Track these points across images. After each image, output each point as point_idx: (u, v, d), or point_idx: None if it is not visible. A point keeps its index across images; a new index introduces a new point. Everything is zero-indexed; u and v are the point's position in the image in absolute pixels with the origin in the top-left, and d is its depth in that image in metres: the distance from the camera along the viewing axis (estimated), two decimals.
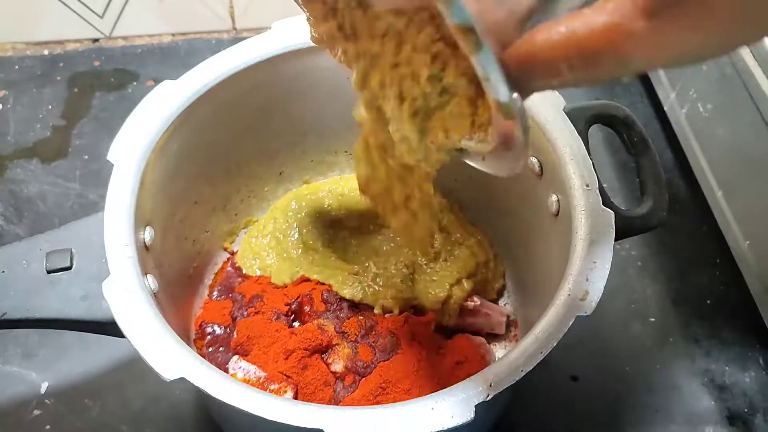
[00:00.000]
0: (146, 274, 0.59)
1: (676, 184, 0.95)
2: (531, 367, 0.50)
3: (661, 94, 0.93)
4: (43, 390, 0.75)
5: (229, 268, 0.79)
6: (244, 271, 0.76)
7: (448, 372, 0.69)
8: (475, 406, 0.48)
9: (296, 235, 0.77)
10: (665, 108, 0.93)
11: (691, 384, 0.78)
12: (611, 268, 0.55)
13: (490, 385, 0.49)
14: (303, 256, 0.75)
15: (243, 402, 0.48)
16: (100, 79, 1.00)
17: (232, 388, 0.49)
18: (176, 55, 1.04)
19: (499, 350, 0.74)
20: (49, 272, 0.57)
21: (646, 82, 1.02)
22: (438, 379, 0.67)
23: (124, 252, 0.55)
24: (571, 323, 0.51)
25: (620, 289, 0.85)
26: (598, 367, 0.79)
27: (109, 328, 0.55)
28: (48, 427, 0.73)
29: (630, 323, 0.82)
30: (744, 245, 0.77)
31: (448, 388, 0.49)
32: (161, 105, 0.63)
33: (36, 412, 0.73)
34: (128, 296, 0.53)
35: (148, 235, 0.61)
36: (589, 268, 0.54)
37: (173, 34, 1.06)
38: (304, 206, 0.79)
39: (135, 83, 1.00)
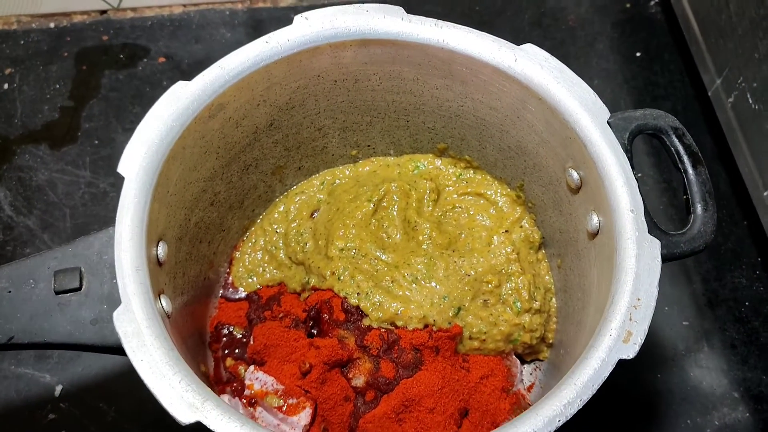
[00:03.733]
0: (159, 295, 0.56)
1: (716, 172, 0.90)
2: (569, 417, 0.47)
3: (705, 78, 0.87)
4: (57, 393, 0.73)
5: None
6: (241, 290, 0.74)
7: (473, 387, 0.66)
8: None
9: (293, 243, 0.73)
10: (709, 93, 0.87)
11: (725, 393, 0.75)
12: None
13: None
14: (306, 264, 0.72)
15: None
16: (108, 56, 0.95)
17: None
18: (188, 28, 0.98)
19: (526, 366, 0.71)
20: (57, 293, 0.54)
21: (687, 59, 0.95)
22: (462, 396, 0.65)
23: (136, 277, 0.52)
24: (611, 369, 0.48)
25: None
26: (627, 374, 0.76)
27: (121, 351, 0.53)
28: (63, 431, 0.71)
29: (662, 327, 0.79)
30: None
31: None
32: (174, 109, 0.58)
33: (51, 416, 0.72)
34: (140, 329, 0.50)
35: (161, 250, 0.58)
36: (633, 306, 0.50)
37: (184, 5, 1.00)
38: (294, 209, 0.76)
39: (145, 60, 0.95)
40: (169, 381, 0.48)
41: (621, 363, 0.49)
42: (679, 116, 0.92)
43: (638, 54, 0.98)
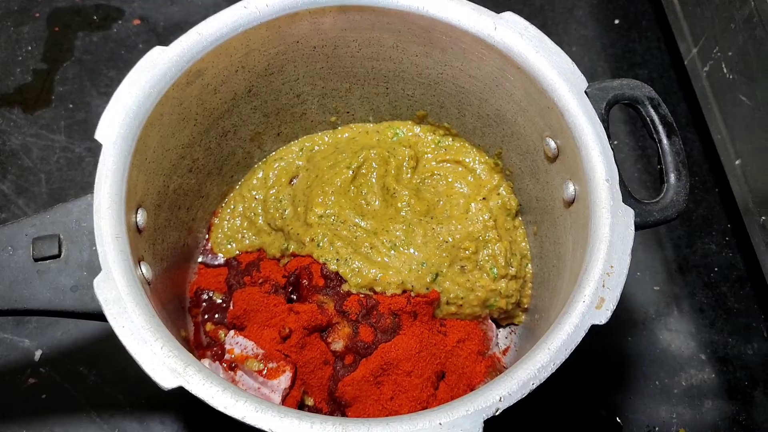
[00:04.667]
0: (139, 262, 0.56)
1: (690, 140, 0.91)
2: (542, 380, 0.48)
3: (681, 47, 0.88)
4: (37, 358, 0.73)
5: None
6: (220, 256, 0.74)
7: (450, 351, 0.67)
8: (484, 421, 0.47)
9: (271, 210, 0.74)
10: (685, 62, 0.87)
11: (693, 356, 0.78)
12: None
13: (500, 399, 0.47)
14: (285, 230, 0.72)
15: (245, 415, 0.46)
16: (81, 17, 0.93)
17: (233, 398, 0.47)
18: None
19: (502, 330, 0.72)
20: (36, 260, 0.54)
21: (665, 27, 0.95)
22: (439, 360, 0.66)
23: (115, 245, 0.52)
24: (584, 334, 0.49)
25: None
26: (598, 337, 0.78)
27: (101, 318, 0.53)
28: (44, 396, 0.72)
29: (634, 292, 0.81)
30: (760, 220, 0.75)
31: (458, 401, 0.48)
32: (151, 75, 0.58)
33: (31, 380, 0.72)
34: (121, 296, 0.50)
35: (140, 217, 0.58)
36: (606, 273, 0.51)
37: None
38: (273, 176, 0.76)
39: (120, 21, 0.93)
40: (151, 347, 0.48)
41: (593, 328, 0.51)
42: (656, 84, 0.94)
43: (617, 21, 0.98)
